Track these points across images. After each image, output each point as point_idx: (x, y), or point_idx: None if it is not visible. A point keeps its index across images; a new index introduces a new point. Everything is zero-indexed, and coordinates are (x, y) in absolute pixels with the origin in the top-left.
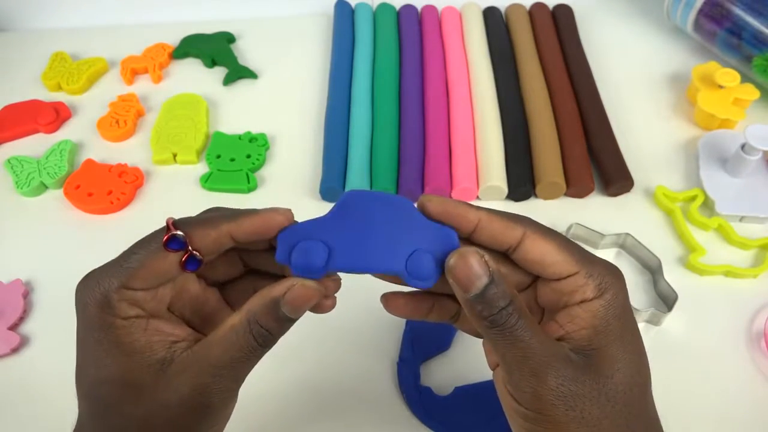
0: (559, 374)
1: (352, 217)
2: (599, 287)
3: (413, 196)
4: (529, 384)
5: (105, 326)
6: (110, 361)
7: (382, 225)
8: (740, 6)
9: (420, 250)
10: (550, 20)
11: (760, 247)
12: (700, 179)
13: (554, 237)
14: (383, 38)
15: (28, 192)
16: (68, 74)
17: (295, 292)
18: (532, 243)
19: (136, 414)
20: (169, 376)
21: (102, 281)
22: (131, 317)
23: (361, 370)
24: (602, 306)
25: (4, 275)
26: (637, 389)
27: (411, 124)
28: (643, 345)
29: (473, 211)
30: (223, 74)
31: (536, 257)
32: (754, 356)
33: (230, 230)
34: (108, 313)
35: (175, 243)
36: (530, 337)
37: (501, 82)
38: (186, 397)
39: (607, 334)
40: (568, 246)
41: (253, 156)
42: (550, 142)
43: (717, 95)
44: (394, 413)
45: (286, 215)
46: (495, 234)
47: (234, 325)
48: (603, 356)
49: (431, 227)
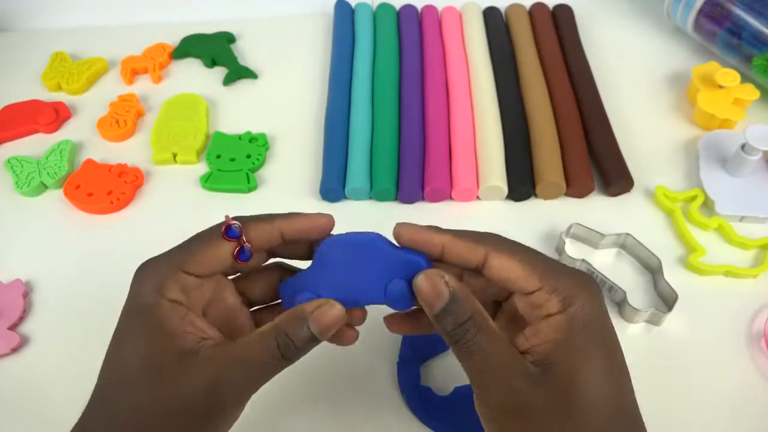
0: (513, 387)
1: (332, 264)
2: (564, 301)
3: (413, 196)
4: (486, 396)
5: (151, 306)
6: (143, 340)
7: (359, 265)
8: (740, 6)
9: (395, 279)
10: (550, 20)
11: (760, 247)
12: (700, 179)
13: (517, 253)
14: (383, 38)
15: (28, 192)
16: (68, 74)
17: (323, 310)
18: (495, 261)
19: (150, 398)
20: (192, 366)
21: (161, 265)
22: (176, 301)
23: (361, 370)
24: (564, 320)
25: (4, 275)
26: (604, 401)
27: (411, 124)
28: (617, 354)
29: (437, 236)
30: (223, 74)
31: (500, 274)
32: (754, 356)
33: (281, 226)
34: (158, 293)
35: (231, 232)
36: (487, 350)
37: (501, 82)
38: (201, 389)
39: (567, 348)
40: (532, 261)
41: (253, 156)
42: (550, 142)
43: (717, 95)
44: (394, 413)
45: (330, 219)
46: (461, 255)
47: (262, 332)
48: (562, 369)
49: (402, 256)
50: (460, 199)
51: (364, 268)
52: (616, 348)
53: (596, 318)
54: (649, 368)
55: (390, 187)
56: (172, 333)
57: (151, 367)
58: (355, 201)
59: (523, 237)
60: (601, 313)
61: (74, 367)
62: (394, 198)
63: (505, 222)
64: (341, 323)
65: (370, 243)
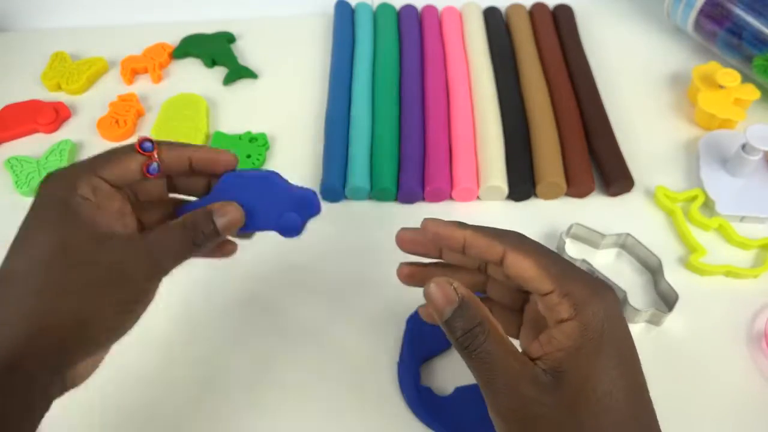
0: (522, 394)
1: (230, 195)
2: (575, 307)
3: (414, 196)
4: (496, 403)
5: (64, 198)
6: (55, 225)
7: (255, 197)
8: (740, 6)
9: (287, 212)
10: (551, 20)
11: (760, 247)
12: (701, 179)
13: (533, 253)
14: (383, 38)
15: (28, 192)
16: (68, 74)
17: (226, 208)
18: (511, 259)
19: (62, 276)
20: (104, 248)
21: (73, 168)
22: (88, 198)
23: (361, 370)
24: (577, 327)
25: None
26: (616, 410)
27: (411, 124)
28: (631, 361)
29: (459, 231)
30: (223, 74)
31: (516, 273)
32: (755, 356)
33: (191, 153)
34: (71, 189)
35: (145, 145)
36: (496, 357)
37: (501, 82)
38: (114, 267)
39: (579, 356)
40: (547, 262)
41: (253, 156)
42: (550, 142)
43: (717, 95)
44: (394, 413)
45: (234, 157)
46: (480, 250)
47: (173, 223)
48: (573, 378)
49: (296, 192)
50: (461, 199)
51: (260, 199)
52: (631, 355)
53: (610, 325)
54: (650, 368)
55: (390, 186)
56: (85, 220)
57: (64, 249)
58: (355, 201)
59: None
60: (615, 320)
61: None
62: (394, 198)
63: (506, 222)
64: (240, 223)
65: (267, 178)
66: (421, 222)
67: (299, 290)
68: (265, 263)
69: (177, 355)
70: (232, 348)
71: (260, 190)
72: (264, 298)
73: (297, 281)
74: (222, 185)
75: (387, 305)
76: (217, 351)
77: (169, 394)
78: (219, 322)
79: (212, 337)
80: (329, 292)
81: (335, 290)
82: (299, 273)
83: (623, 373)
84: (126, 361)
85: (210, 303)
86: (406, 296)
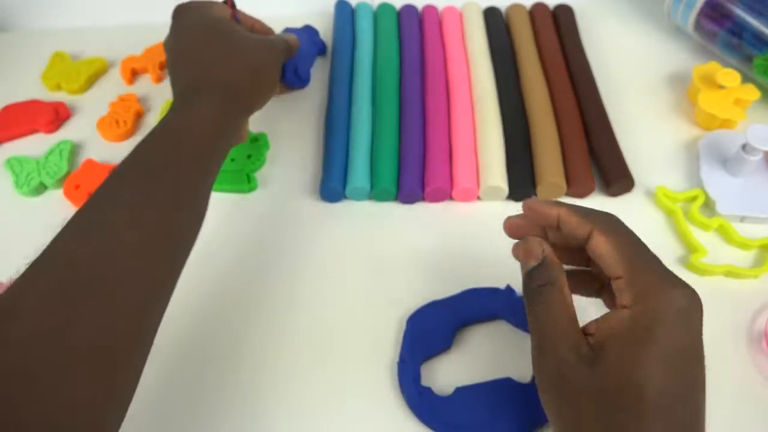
0: (562, 359)
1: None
2: (636, 297)
3: (414, 196)
4: (540, 361)
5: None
6: (202, 13)
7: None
8: (741, 6)
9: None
10: (551, 20)
11: (760, 248)
12: (701, 179)
13: (617, 236)
14: (384, 38)
15: (28, 192)
16: (68, 74)
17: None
18: (596, 240)
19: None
20: (256, 43)
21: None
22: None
23: (361, 370)
24: (628, 316)
25: (4, 275)
26: (647, 406)
27: (411, 124)
28: (688, 365)
29: (554, 208)
30: None
31: (597, 254)
32: (755, 356)
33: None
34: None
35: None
36: (553, 316)
37: (501, 82)
38: (261, 56)
39: (623, 341)
40: (627, 249)
41: (254, 156)
42: (550, 142)
43: (718, 95)
44: (394, 413)
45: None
46: (572, 227)
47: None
48: (611, 359)
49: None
50: (461, 199)
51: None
52: (686, 358)
53: (667, 323)
54: None
55: (390, 187)
56: (226, 18)
57: (215, 23)
58: (356, 201)
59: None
60: (676, 319)
61: None
62: (394, 198)
63: None
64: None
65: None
66: (522, 203)
67: (299, 290)
68: (264, 263)
69: (172, 356)
70: (231, 348)
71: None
72: (263, 298)
73: (297, 281)
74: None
75: (387, 305)
76: (214, 350)
77: (166, 396)
78: (217, 321)
79: (211, 337)
80: (329, 292)
81: (335, 290)
82: (299, 273)
83: (668, 372)
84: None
85: (208, 303)
86: (406, 296)
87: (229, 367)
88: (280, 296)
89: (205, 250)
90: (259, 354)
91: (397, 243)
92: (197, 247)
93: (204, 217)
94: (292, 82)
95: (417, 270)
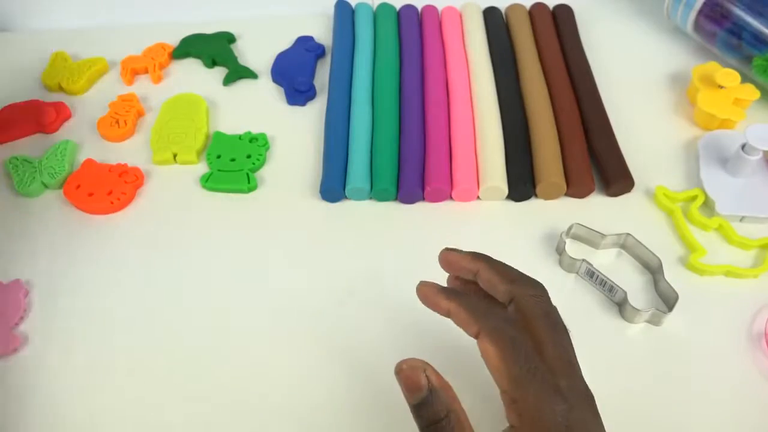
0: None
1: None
2: (520, 416)
3: (414, 196)
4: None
5: None
6: None
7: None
8: (740, 6)
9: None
10: (551, 20)
11: (760, 247)
12: (701, 179)
13: (503, 342)
14: (383, 38)
15: (28, 192)
16: (68, 74)
17: None
18: (482, 344)
19: None
20: None
21: None
22: None
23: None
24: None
25: (4, 275)
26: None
27: (411, 124)
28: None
29: (446, 301)
30: (223, 74)
31: (484, 358)
32: (755, 356)
33: None
34: None
35: None
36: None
37: (501, 82)
38: None
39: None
40: (513, 358)
41: (254, 156)
42: (550, 142)
43: (717, 95)
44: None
45: None
46: (461, 324)
47: None
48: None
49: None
50: (460, 199)
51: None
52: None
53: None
54: (650, 368)
55: (390, 187)
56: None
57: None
58: (355, 201)
59: (524, 237)
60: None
61: (74, 366)
62: (394, 198)
63: (506, 222)
64: None
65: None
66: (417, 287)
67: (299, 290)
68: (264, 263)
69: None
70: (231, 348)
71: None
72: (263, 298)
73: (297, 281)
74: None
75: (387, 305)
76: (214, 350)
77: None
78: (217, 321)
79: (211, 337)
80: (329, 292)
81: (335, 290)
82: (299, 273)
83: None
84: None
85: (208, 303)
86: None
87: (229, 367)
88: (280, 296)
89: (205, 250)
90: (259, 354)
91: (397, 243)
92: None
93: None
94: (296, 100)
95: (417, 270)
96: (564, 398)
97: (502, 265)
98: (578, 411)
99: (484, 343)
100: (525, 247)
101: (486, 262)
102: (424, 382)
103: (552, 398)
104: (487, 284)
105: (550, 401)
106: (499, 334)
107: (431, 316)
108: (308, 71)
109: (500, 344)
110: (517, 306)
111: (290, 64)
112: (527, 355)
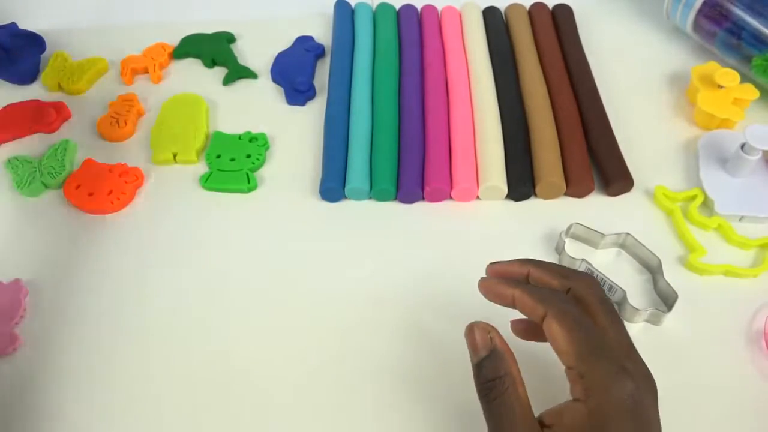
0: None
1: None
2: (587, 391)
3: (413, 196)
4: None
5: None
6: None
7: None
8: (740, 6)
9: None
10: (550, 20)
11: (759, 247)
12: (700, 179)
13: (570, 323)
14: (383, 38)
15: (28, 192)
16: (68, 74)
17: None
18: (548, 325)
19: None
20: None
21: None
22: None
23: (362, 370)
24: (583, 411)
25: (4, 275)
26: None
27: (411, 123)
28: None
29: (510, 289)
30: (223, 74)
31: (550, 339)
32: (754, 356)
33: None
34: None
35: None
36: (508, 413)
37: (501, 82)
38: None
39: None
40: (578, 337)
41: (253, 156)
42: (549, 142)
43: (716, 95)
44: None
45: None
46: (526, 309)
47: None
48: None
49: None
50: (460, 199)
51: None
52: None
53: (617, 418)
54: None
55: (390, 187)
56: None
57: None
58: (355, 201)
59: (523, 237)
60: (624, 413)
61: (74, 366)
62: (394, 198)
63: (505, 222)
64: None
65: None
66: (478, 282)
67: (299, 290)
68: (263, 263)
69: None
70: (230, 348)
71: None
72: (263, 298)
73: (297, 281)
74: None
75: (387, 305)
76: (214, 350)
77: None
78: (217, 321)
79: (211, 337)
80: (329, 291)
81: (335, 290)
82: (299, 273)
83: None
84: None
85: (208, 303)
86: (406, 296)
87: (228, 368)
88: (280, 296)
89: (205, 250)
90: (259, 354)
91: (396, 243)
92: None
93: None
94: (296, 100)
95: (417, 270)
96: (631, 377)
97: (551, 264)
98: (643, 392)
99: (551, 323)
100: (524, 247)
101: (535, 264)
102: (488, 340)
103: (620, 376)
104: (540, 283)
105: (618, 378)
106: (564, 315)
107: (431, 316)
108: (308, 71)
109: (566, 324)
110: (575, 296)
111: (290, 64)
112: (593, 334)
